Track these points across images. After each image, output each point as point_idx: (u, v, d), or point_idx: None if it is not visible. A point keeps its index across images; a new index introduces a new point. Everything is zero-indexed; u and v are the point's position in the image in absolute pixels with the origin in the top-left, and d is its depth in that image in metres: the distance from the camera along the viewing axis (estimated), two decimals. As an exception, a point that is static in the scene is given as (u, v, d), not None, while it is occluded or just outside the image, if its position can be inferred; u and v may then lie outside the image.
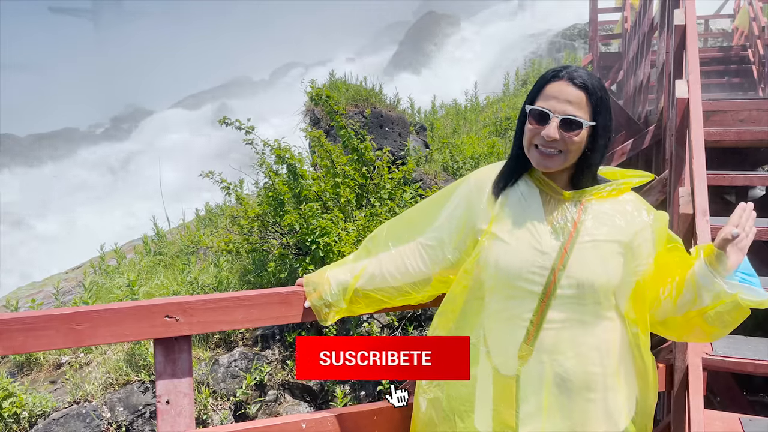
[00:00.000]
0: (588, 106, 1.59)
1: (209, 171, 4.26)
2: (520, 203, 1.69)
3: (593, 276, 1.58)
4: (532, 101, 1.65)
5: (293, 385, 4.35)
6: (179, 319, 1.82)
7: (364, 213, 4.38)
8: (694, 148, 2.40)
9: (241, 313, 1.86)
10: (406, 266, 1.82)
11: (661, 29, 4.53)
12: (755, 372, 2.46)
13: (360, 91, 6.10)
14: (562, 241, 1.61)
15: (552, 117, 1.58)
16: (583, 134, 1.60)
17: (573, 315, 1.60)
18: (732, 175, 3.30)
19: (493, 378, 1.66)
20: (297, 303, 1.90)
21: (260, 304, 1.88)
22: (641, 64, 5.86)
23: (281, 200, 4.37)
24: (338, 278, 1.88)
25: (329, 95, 4.58)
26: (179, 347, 1.85)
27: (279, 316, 1.90)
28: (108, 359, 4.09)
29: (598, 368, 1.62)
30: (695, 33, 2.90)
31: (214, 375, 4.05)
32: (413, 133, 6.54)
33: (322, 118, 5.93)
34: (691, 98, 2.60)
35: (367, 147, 4.56)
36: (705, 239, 2.11)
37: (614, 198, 1.67)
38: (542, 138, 1.59)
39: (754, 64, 10.11)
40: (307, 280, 1.92)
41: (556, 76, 1.62)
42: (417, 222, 1.89)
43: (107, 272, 5.45)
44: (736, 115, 3.72)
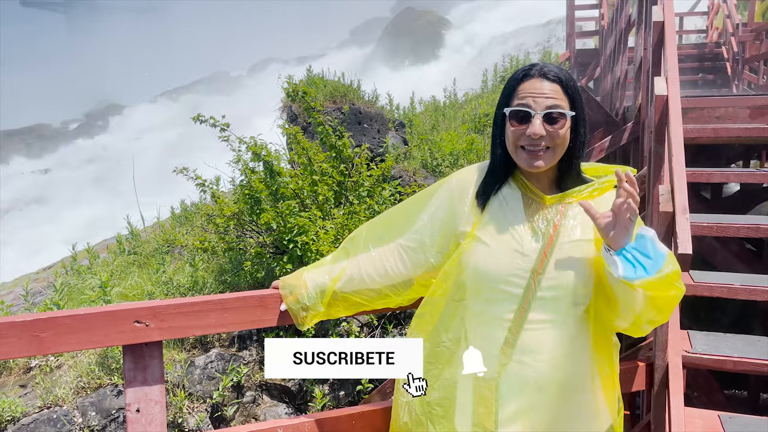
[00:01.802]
0: (566, 97, 1.58)
1: (183, 167, 4.16)
2: (502, 207, 1.66)
3: (572, 278, 1.57)
4: (507, 104, 1.62)
5: (271, 386, 4.28)
6: (149, 324, 1.75)
7: (342, 211, 4.32)
8: (673, 146, 2.39)
9: (214, 317, 1.80)
10: (385, 269, 1.78)
11: (638, 26, 4.54)
12: (734, 369, 2.47)
13: (338, 87, 6.03)
14: (542, 244, 1.59)
15: (534, 114, 1.55)
16: (567, 126, 1.58)
17: (552, 316, 1.58)
18: (709, 171, 3.31)
19: (473, 381, 1.64)
20: (273, 306, 1.85)
21: (235, 308, 1.82)
22: (618, 61, 5.89)
23: (258, 198, 4.29)
24: (316, 281, 1.82)
25: (306, 91, 4.51)
26: (150, 353, 1.78)
27: (254, 319, 1.84)
28: (79, 362, 3.98)
29: (578, 369, 1.61)
30: (673, 30, 2.90)
31: (189, 377, 3.97)
32: (392, 129, 6.49)
33: (299, 114, 5.85)
34: (669, 95, 2.59)
35: (346, 144, 4.50)
36: (685, 237, 2.10)
37: (597, 198, 1.65)
38: (528, 137, 1.56)
39: (728, 62, 10.24)
40: (284, 283, 1.86)
41: (527, 74, 1.60)
42: (397, 223, 1.84)
43: (79, 272, 5.32)
44: (713, 112, 3.74)
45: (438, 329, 1.71)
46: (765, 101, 3.68)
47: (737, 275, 2.92)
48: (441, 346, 1.70)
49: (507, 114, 1.61)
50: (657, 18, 3.01)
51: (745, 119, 3.71)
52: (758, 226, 2.89)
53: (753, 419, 2.49)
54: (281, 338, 1.53)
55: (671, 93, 2.60)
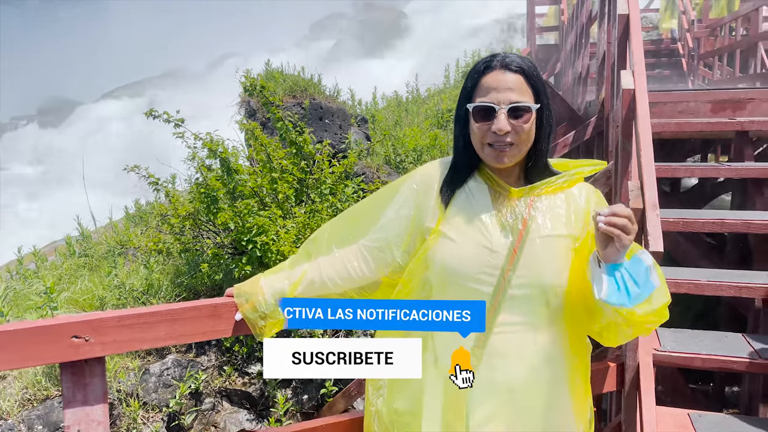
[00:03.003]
0: (529, 89, 1.50)
1: (134, 165, 3.96)
2: (469, 200, 1.57)
3: (544, 275, 1.50)
4: (470, 98, 1.53)
5: (231, 392, 4.13)
6: (89, 339, 1.60)
7: (303, 209, 4.18)
8: (641, 141, 2.34)
9: (163, 329, 1.65)
10: (348, 271, 1.67)
11: (600, 20, 4.52)
12: (703, 366, 2.44)
13: (298, 81, 5.87)
14: (512, 240, 1.51)
15: (498, 109, 1.47)
16: (532, 120, 1.51)
17: (524, 317, 1.50)
18: (674, 166, 3.30)
19: (443, 387, 1.55)
20: (227, 316, 1.71)
21: (185, 319, 1.67)
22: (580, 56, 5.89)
23: (214, 197, 4.11)
24: (274, 286, 1.69)
25: (264, 85, 4.34)
26: (91, 371, 1.63)
27: (207, 330, 1.70)
28: (25, 373, 3.74)
29: (550, 372, 1.53)
30: (639, 22, 2.86)
31: (144, 385, 3.78)
32: (354, 125, 6.36)
33: (258, 109, 5.67)
34: (637, 89, 2.54)
35: (306, 140, 4.35)
36: (656, 234, 2.05)
37: (566, 190, 1.58)
38: (493, 134, 1.48)
39: (684, 57, 10.43)
40: (239, 290, 1.72)
41: (488, 66, 1.52)
42: (360, 221, 1.73)
43: (25, 277, 5.04)
44: (675, 106, 3.74)
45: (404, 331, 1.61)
46: (726, 95, 3.70)
47: (703, 271, 2.91)
48: None
49: (470, 110, 1.52)
50: (622, 11, 2.97)
51: (706, 113, 3.71)
52: (723, 221, 2.87)
53: (721, 417, 2.48)
54: (280, 338, 1.41)
55: (638, 86, 2.55)
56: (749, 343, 2.58)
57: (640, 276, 1.39)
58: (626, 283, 1.37)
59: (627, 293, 1.37)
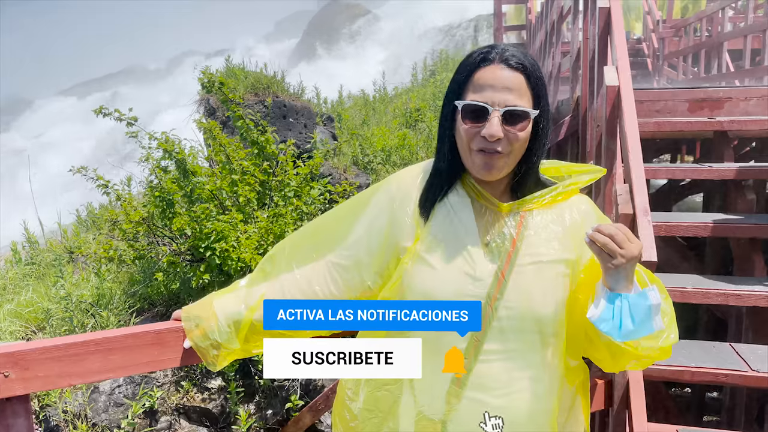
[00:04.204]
0: (529, 92, 1.30)
1: (81, 166, 3.66)
2: (450, 217, 1.36)
3: (535, 305, 1.30)
4: (460, 94, 1.32)
5: (189, 409, 3.86)
6: (9, 374, 1.35)
7: (266, 213, 3.93)
8: (629, 141, 2.19)
9: (97, 361, 1.41)
10: (315, 292, 1.45)
11: (575, 16, 4.39)
12: (692, 380, 2.30)
13: (260, 78, 5.60)
14: (499, 264, 1.31)
15: (492, 111, 1.26)
16: (529, 128, 1.30)
17: (511, 346, 1.31)
18: (654, 167, 3.17)
19: (416, 421, 1.35)
20: (174, 343, 1.47)
21: (123, 348, 1.43)
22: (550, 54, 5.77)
23: (170, 201, 3.84)
24: (228, 310, 1.46)
25: (223, 82, 4.08)
26: (13, 411, 1.39)
27: (150, 361, 1.46)
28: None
29: (537, 405, 1.34)
30: (621, 16, 2.71)
31: (93, 405, 3.49)
32: (320, 124, 6.12)
33: (218, 108, 5.40)
34: (622, 86, 2.39)
35: (269, 139, 4.11)
36: (648, 242, 1.89)
37: (560, 203, 1.39)
38: (483, 139, 1.27)
39: (649, 57, 10.48)
40: (188, 314, 1.48)
41: (485, 59, 1.30)
42: (326, 235, 1.51)
43: (-37, 288, 4.67)
44: (653, 105, 3.61)
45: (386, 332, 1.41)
46: (704, 94, 3.60)
47: (688, 277, 2.78)
48: (383, 389, 1.40)
49: (459, 108, 1.31)
50: (603, 4, 2.81)
51: (684, 113, 3.61)
52: (707, 225, 2.75)
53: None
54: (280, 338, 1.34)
55: (623, 83, 2.39)
56: (738, 354, 2.46)
57: (639, 312, 1.21)
58: (622, 316, 1.20)
59: (619, 326, 1.20)
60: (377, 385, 1.41)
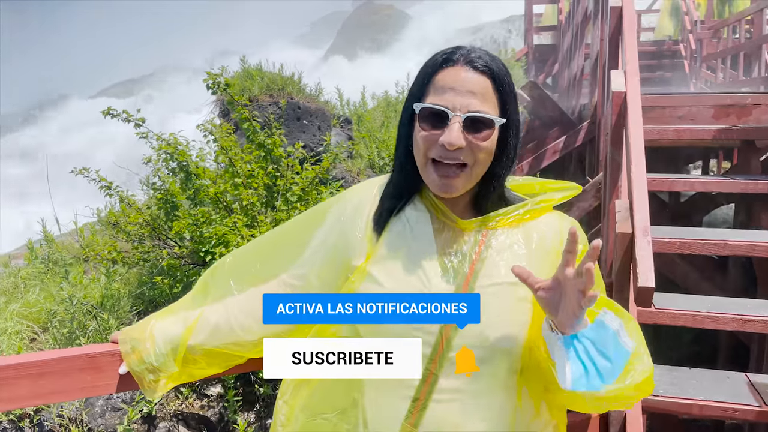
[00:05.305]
0: (495, 97, 1.16)
1: (84, 167, 3.64)
2: (405, 233, 1.23)
3: (496, 332, 1.15)
4: (419, 97, 1.19)
5: (188, 416, 3.80)
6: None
7: (269, 218, 3.85)
8: (632, 152, 2.01)
9: (25, 387, 1.31)
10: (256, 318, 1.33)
11: (594, 17, 4.19)
12: (701, 414, 2.10)
13: (275, 79, 5.52)
14: (456, 285, 1.17)
15: (452, 116, 1.13)
16: (494, 137, 1.16)
17: (469, 384, 1.16)
18: (671, 179, 2.96)
19: None
20: (109, 368, 1.37)
21: (55, 372, 1.34)
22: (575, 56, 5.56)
23: (174, 203, 3.79)
24: (167, 332, 1.36)
25: (228, 83, 4.00)
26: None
27: (84, 386, 1.36)
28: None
29: None
30: (633, 17, 2.52)
31: (89, 410, 3.46)
32: (337, 126, 6.02)
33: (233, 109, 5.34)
34: (628, 92, 2.21)
35: (276, 142, 4.02)
36: (646, 266, 1.71)
37: (528, 222, 1.24)
38: (441, 147, 1.14)
39: (686, 59, 10.09)
40: (125, 336, 1.38)
41: (448, 59, 1.17)
42: (278, 251, 1.40)
43: (-20, 285, 4.71)
44: (674, 111, 3.39)
45: (318, 394, 1.28)
46: (731, 100, 3.35)
47: (703, 299, 2.56)
48: (319, 417, 1.26)
49: (417, 112, 1.18)
50: (615, 3, 2.63)
51: (708, 119, 3.37)
52: (726, 243, 2.53)
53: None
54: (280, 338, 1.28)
55: (630, 89, 2.21)
56: (752, 386, 2.24)
57: (608, 345, 1.04)
58: (593, 359, 1.03)
59: (597, 373, 1.03)
60: (313, 412, 1.28)
